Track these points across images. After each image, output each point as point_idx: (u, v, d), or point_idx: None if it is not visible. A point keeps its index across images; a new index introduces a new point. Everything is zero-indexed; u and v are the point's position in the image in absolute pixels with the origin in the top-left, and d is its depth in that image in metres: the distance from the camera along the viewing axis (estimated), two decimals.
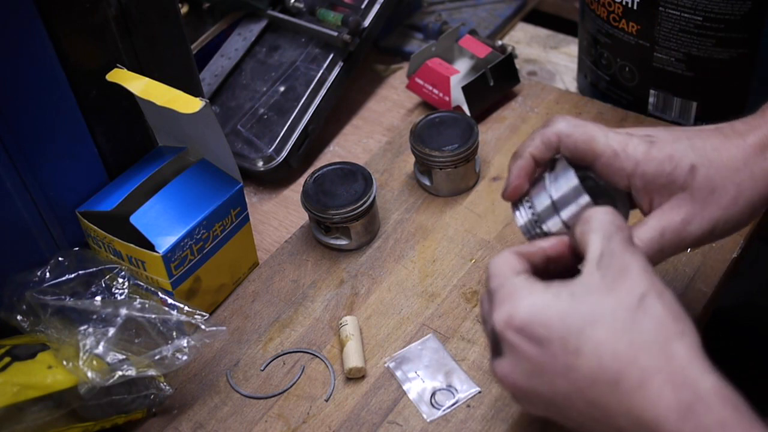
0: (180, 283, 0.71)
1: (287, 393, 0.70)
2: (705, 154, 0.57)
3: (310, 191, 0.80)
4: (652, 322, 0.48)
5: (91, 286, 0.66)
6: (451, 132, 0.84)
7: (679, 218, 0.57)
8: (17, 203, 0.67)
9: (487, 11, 1.10)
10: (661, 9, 0.81)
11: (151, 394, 0.67)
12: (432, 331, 0.73)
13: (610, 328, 0.49)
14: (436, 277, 0.78)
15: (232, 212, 0.74)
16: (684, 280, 0.74)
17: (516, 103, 0.95)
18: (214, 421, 0.69)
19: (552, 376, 0.50)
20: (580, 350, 0.49)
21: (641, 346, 0.48)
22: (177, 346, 0.64)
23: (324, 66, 0.93)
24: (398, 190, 0.87)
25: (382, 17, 0.97)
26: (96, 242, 0.72)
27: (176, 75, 0.76)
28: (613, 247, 0.52)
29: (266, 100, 0.93)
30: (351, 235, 0.80)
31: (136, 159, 0.76)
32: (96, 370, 0.61)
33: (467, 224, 0.82)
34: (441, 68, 0.93)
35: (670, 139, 0.58)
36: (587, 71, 0.96)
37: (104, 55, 0.70)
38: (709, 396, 0.46)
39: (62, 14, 0.65)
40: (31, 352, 0.63)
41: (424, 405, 0.68)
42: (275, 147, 0.89)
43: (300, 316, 0.76)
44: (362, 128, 0.97)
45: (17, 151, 0.65)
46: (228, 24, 1.01)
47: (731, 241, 0.76)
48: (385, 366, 0.71)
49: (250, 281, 0.80)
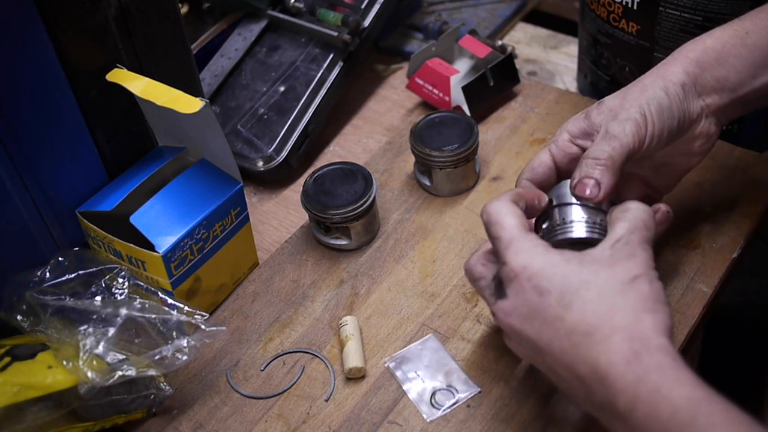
0: (180, 283, 0.71)
1: (287, 393, 0.70)
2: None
3: (310, 191, 0.80)
4: (635, 295, 0.56)
5: (91, 286, 0.66)
6: (451, 132, 0.84)
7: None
8: (17, 203, 0.67)
9: (487, 11, 1.10)
10: (661, 9, 0.81)
11: (151, 394, 0.67)
12: (432, 331, 0.73)
13: (600, 292, 0.56)
14: (436, 277, 0.78)
15: (232, 212, 0.74)
16: (684, 280, 0.74)
17: (516, 103, 0.95)
18: (214, 421, 0.69)
19: (541, 323, 0.57)
20: (570, 305, 0.56)
21: (619, 309, 0.55)
22: (177, 346, 0.64)
23: (324, 66, 0.93)
24: (398, 190, 0.87)
25: (382, 17, 0.97)
26: (96, 242, 0.72)
27: (176, 75, 0.76)
28: (632, 237, 0.58)
29: (266, 100, 0.93)
30: (351, 235, 0.80)
31: (136, 159, 0.76)
32: (96, 370, 0.61)
33: (467, 224, 0.82)
34: (441, 68, 0.93)
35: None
36: (587, 71, 0.96)
37: (104, 55, 0.70)
38: (655, 349, 0.53)
39: (62, 14, 0.65)
40: (31, 352, 0.63)
41: (424, 405, 0.68)
42: (275, 147, 0.89)
43: (300, 316, 0.76)
44: (362, 128, 0.97)
45: (17, 151, 0.65)
46: (228, 24, 1.01)
47: (731, 241, 0.76)
48: (385, 366, 0.71)
49: (250, 281, 0.80)
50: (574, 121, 0.68)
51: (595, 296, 0.56)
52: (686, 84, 0.66)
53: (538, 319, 0.57)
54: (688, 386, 0.52)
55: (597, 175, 0.62)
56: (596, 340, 0.54)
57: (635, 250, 0.58)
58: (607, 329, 0.54)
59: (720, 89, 0.67)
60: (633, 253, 0.57)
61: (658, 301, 0.56)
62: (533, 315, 0.57)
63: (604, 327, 0.54)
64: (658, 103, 0.65)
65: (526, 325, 0.58)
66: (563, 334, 0.56)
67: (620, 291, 0.56)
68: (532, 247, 0.59)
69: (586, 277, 0.56)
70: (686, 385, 0.52)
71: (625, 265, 0.57)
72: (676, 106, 0.65)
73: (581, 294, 0.56)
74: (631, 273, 0.56)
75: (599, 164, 0.63)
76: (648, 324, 0.54)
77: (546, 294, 0.57)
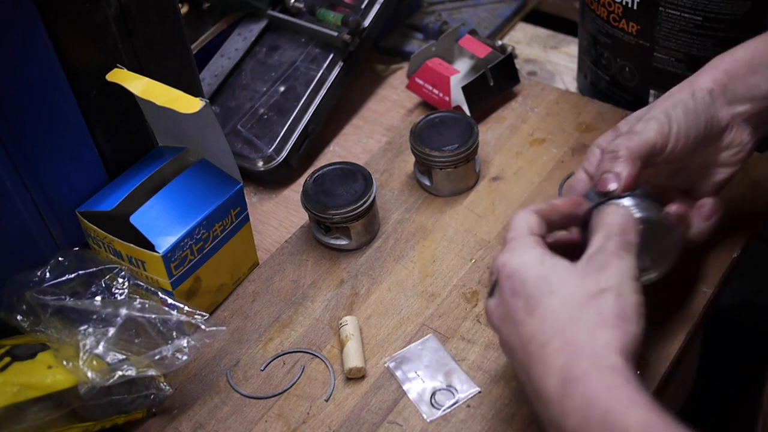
0: (180, 283, 0.71)
1: (287, 393, 0.70)
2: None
3: (310, 191, 0.80)
4: (597, 309, 0.53)
5: (91, 286, 0.66)
6: (451, 132, 0.84)
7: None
8: (17, 203, 0.67)
9: (487, 11, 1.10)
10: (661, 9, 0.81)
11: (151, 394, 0.67)
12: (432, 331, 0.73)
13: (562, 302, 0.54)
14: (436, 277, 0.78)
15: (232, 212, 0.74)
16: (684, 280, 0.74)
17: (516, 103, 0.95)
18: (214, 421, 0.69)
19: (511, 325, 0.56)
20: (534, 311, 0.55)
21: (575, 323, 0.53)
22: (177, 346, 0.64)
23: (324, 66, 0.93)
24: (398, 190, 0.87)
25: (382, 17, 0.97)
26: (96, 242, 0.72)
27: (176, 75, 0.76)
28: (607, 245, 0.57)
29: (266, 100, 0.93)
30: (351, 235, 0.80)
31: (136, 159, 0.76)
32: (96, 370, 0.61)
33: (467, 224, 0.82)
34: (441, 68, 0.93)
35: None
36: (587, 71, 0.96)
37: (104, 55, 0.70)
38: (606, 369, 0.51)
39: (62, 14, 0.65)
40: (31, 352, 0.63)
41: (424, 405, 0.68)
42: (275, 147, 0.89)
43: (300, 316, 0.76)
44: (362, 128, 0.97)
45: (17, 151, 0.65)
46: (228, 24, 1.01)
47: (731, 241, 0.76)
48: (385, 366, 0.71)
49: (250, 281, 0.80)
50: (604, 136, 0.68)
51: (557, 306, 0.54)
52: (714, 91, 0.65)
53: (509, 321, 0.57)
54: (641, 409, 0.49)
55: (617, 168, 0.61)
56: (548, 353, 0.53)
57: (609, 260, 0.56)
58: (559, 342, 0.53)
59: (752, 97, 0.66)
60: (606, 263, 0.55)
61: (622, 318, 0.53)
62: (506, 316, 0.57)
63: (556, 340, 0.53)
64: (684, 105, 0.64)
65: (503, 325, 0.58)
66: (525, 340, 0.55)
67: (583, 304, 0.54)
68: (524, 246, 0.58)
69: (554, 283, 0.55)
70: (640, 407, 0.49)
71: (595, 277, 0.55)
72: (702, 109, 0.64)
73: (545, 302, 0.55)
74: (599, 285, 0.54)
75: (616, 156, 0.62)
76: (602, 341, 0.52)
77: (517, 296, 0.56)
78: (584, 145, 0.88)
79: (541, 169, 0.86)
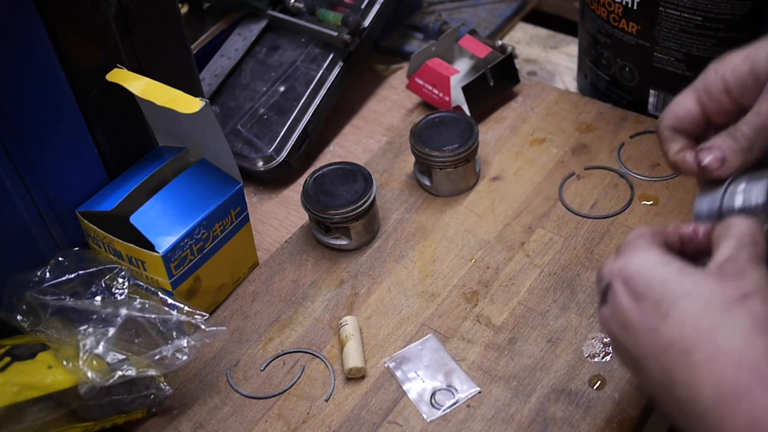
0: (180, 283, 0.71)
1: (287, 393, 0.70)
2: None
3: (310, 191, 0.80)
4: (747, 313, 0.48)
5: (91, 286, 0.66)
6: (451, 132, 0.84)
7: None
8: (17, 203, 0.67)
9: (487, 11, 1.10)
10: (661, 9, 0.81)
11: (151, 394, 0.67)
12: (432, 331, 0.73)
13: (702, 305, 0.49)
14: (436, 277, 0.78)
15: (232, 212, 0.74)
16: None
17: (516, 103, 0.95)
18: (214, 421, 0.69)
19: (636, 333, 0.51)
20: (668, 315, 0.50)
21: (724, 328, 0.48)
22: (177, 346, 0.64)
23: (324, 66, 0.93)
24: (398, 190, 0.87)
25: (382, 17, 0.97)
26: (96, 242, 0.72)
27: (176, 75, 0.76)
28: (740, 255, 0.52)
29: (266, 100, 0.93)
30: (351, 235, 0.80)
31: (136, 159, 0.76)
32: (96, 370, 0.61)
33: (467, 224, 0.82)
34: (441, 68, 0.93)
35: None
36: (587, 71, 0.96)
37: (104, 55, 0.70)
38: (762, 386, 0.45)
39: (62, 14, 0.65)
40: (31, 352, 0.63)
41: (424, 405, 0.68)
42: (275, 147, 0.89)
43: (300, 316, 0.76)
44: (362, 128, 0.97)
45: (17, 151, 0.65)
46: (228, 24, 1.01)
47: None
48: (385, 366, 0.71)
49: (250, 281, 0.80)
50: (733, 69, 0.58)
51: (696, 309, 0.49)
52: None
53: (633, 328, 0.52)
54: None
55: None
56: (696, 362, 0.48)
57: (745, 267, 0.50)
58: (708, 349, 0.48)
59: None
60: (743, 271, 0.50)
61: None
62: (628, 323, 0.52)
63: (704, 346, 0.48)
64: None
65: (623, 334, 0.53)
66: (660, 348, 0.50)
67: (727, 307, 0.48)
68: (642, 248, 0.53)
69: (687, 286, 0.50)
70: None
71: (734, 282, 0.49)
72: None
73: (680, 305, 0.49)
74: (741, 290, 0.49)
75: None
76: (761, 348, 0.47)
77: (641, 300, 0.51)
78: (584, 145, 0.88)
79: (541, 169, 0.86)
